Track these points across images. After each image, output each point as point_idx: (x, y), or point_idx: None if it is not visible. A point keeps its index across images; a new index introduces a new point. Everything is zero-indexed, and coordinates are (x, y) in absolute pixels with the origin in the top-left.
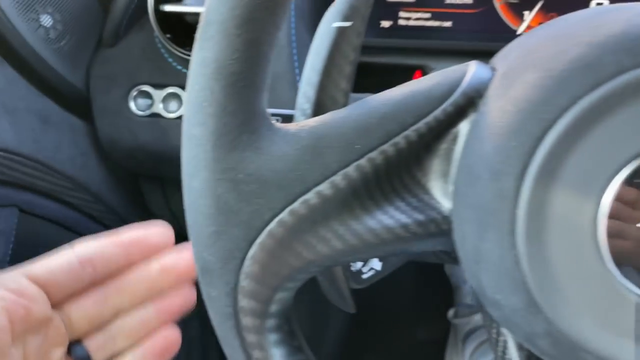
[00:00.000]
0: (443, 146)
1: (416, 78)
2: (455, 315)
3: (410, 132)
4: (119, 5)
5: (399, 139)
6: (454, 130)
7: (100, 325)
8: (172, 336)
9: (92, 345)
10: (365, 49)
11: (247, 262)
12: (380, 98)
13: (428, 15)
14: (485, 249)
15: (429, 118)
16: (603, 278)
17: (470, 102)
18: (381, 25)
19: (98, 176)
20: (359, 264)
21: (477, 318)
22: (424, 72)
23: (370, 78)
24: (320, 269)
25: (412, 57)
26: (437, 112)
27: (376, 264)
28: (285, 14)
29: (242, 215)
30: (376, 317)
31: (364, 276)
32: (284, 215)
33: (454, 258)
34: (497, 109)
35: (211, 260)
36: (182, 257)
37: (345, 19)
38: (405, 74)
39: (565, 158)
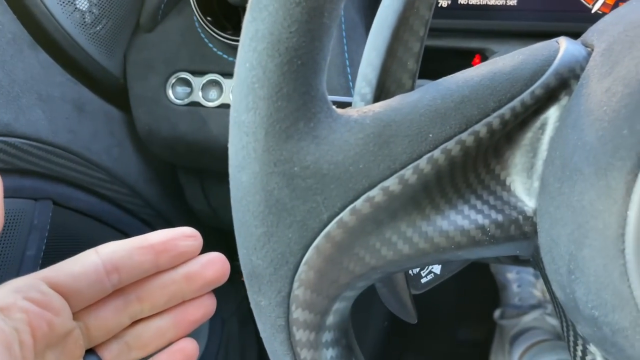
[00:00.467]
0: (528, 135)
1: (475, 63)
2: (502, 317)
3: (493, 118)
4: None
5: (480, 127)
6: (542, 116)
7: (117, 335)
8: (189, 349)
9: (107, 355)
10: None
11: (302, 268)
12: (457, 79)
13: None
14: (583, 257)
15: (515, 102)
16: None
17: (563, 84)
18: (439, 4)
19: (135, 168)
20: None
21: (526, 320)
22: (484, 56)
23: (425, 64)
24: (384, 275)
25: (472, 39)
26: (524, 96)
27: (436, 268)
28: None
29: (297, 215)
30: (417, 317)
31: (423, 280)
32: (344, 214)
33: (524, 261)
34: (602, 90)
35: (261, 265)
36: (209, 264)
37: None
38: (463, 59)
39: None
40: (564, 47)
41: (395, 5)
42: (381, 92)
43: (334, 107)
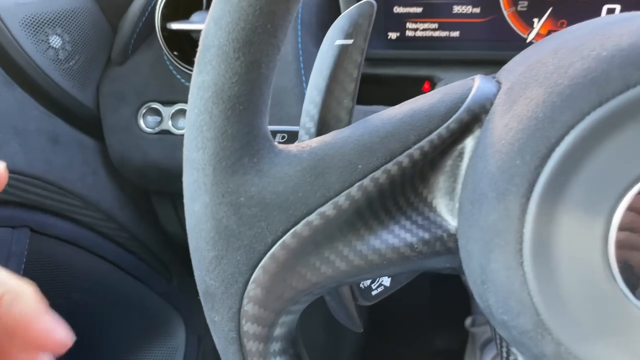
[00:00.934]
0: (448, 163)
1: (425, 89)
2: (473, 324)
3: (414, 150)
4: (128, 24)
5: (402, 158)
6: (459, 146)
7: None
8: None
9: None
10: (374, 61)
11: (250, 286)
12: (382, 116)
13: (435, 25)
14: (491, 269)
15: (433, 136)
16: (614, 298)
17: (475, 118)
18: (389, 37)
19: (109, 194)
20: (367, 281)
21: None
22: (433, 82)
23: (381, 89)
24: (325, 290)
25: (421, 67)
26: (441, 130)
27: (385, 280)
28: (285, 35)
29: (244, 239)
30: (393, 326)
31: (374, 292)
32: (286, 237)
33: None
34: (502, 125)
35: (213, 285)
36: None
37: (347, 37)
38: (415, 85)
39: (573, 176)
40: (477, 85)
41: (333, 50)
42: (322, 126)
43: (276, 142)
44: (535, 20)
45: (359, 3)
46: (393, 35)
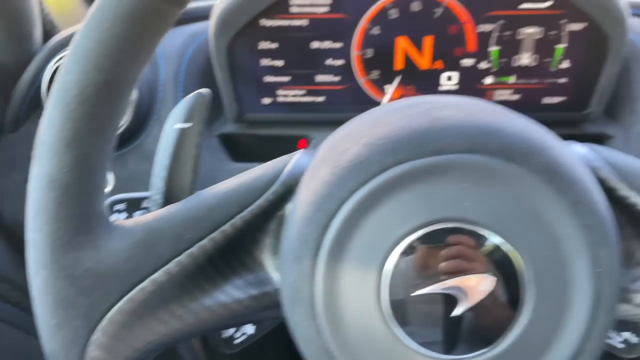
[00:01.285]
0: (273, 225)
1: (300, 146)
2: None
3: (237, 219)
4: (19, 93)
5: (226, 227)
6: (280, 212)
7: None
8: None
9: None
10: (253, 123)
11: (90, 348)
12: (211, 191)
13: (303, 92)
14: (294, 321)
15: (253, 206)
16: (390, 341)
17: (289, 190)
18: (262, 102)
19: (2, 256)
20: (230, 330)
21: None
22: (308, 140)
23: (261, 148)
24: (161, 348)
25: (295, 128)
26: (260, 201)
27: (249, 328)
28: (116, 129)
29: (81, 308)
30: None
31: (236, 341)
32: (122, 303)
33: None
34: (302, 197)
35: (56, 349)
36: None
37: (186, 121)
38: (291, 143)
39: (349, 241)
40: (294, 161)
41: (173, 133)
42: (169, 197)
43: (111, 219)
44: (387, 86)
45: (194, 92)
46: (266, 100)
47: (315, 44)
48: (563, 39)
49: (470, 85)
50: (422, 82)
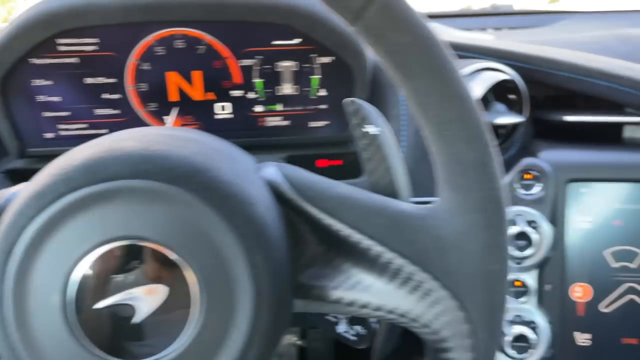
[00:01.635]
0: None
1: None
2: None
3: None
4: None
5: None
6: None
7: None
8: None
9: None
10: (41, 158)
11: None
12: None
13: (85, 125)
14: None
15: None
16: (80, 354)
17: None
18: (44, 137)
19: None
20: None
21: None
22: None
23: None
24: None
25: None
26: None
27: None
28: None
29: None
30: None
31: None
32: None
33: None
34: None
35: None
36: None
37: None
38: None
39: (32, 266)
40: (12, 191)
41: None
42: None
43: None
44: (166, 117)
45: None
46: (49, 135)
47: (89, 80)
48: (316, 71)
49: (243, 114)
50: (198, 112)
